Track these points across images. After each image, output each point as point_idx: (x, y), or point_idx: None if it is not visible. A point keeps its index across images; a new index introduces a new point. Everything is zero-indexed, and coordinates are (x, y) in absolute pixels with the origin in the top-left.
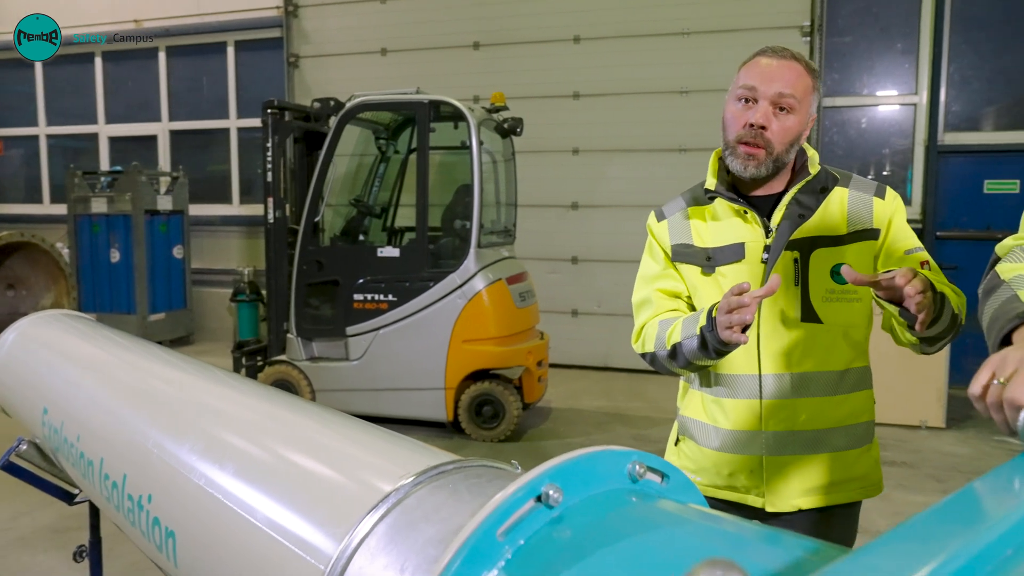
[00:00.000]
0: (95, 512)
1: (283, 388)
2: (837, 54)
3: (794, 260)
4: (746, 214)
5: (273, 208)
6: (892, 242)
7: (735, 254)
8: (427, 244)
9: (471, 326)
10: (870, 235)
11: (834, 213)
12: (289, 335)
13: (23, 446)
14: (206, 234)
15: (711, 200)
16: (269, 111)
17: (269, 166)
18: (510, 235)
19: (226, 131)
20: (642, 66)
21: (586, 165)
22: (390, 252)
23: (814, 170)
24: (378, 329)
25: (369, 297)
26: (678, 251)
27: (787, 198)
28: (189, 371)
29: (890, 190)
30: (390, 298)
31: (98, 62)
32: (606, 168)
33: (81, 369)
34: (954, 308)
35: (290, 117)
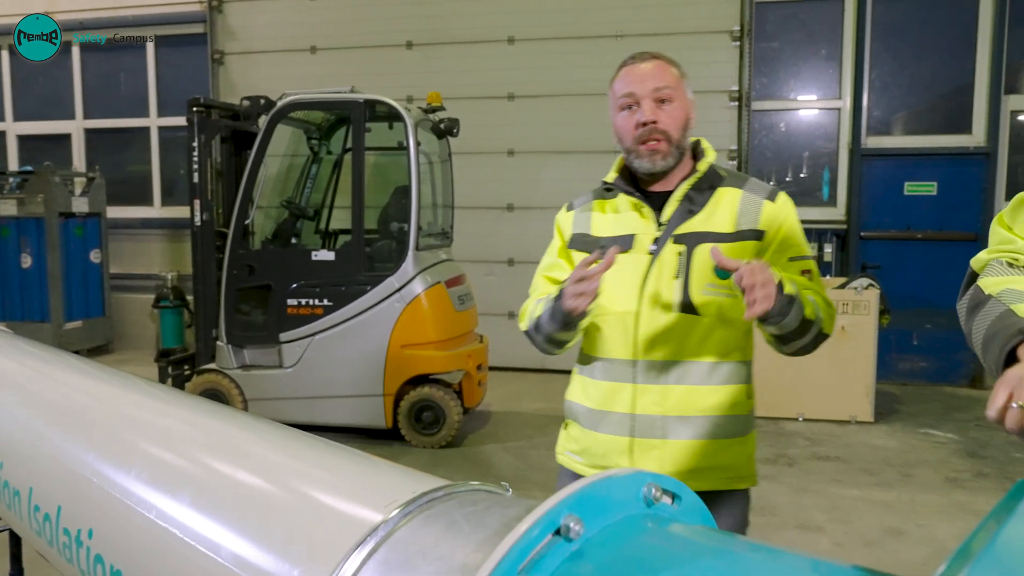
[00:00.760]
0: (16, 541)
1: (213, 398)
2: (765, 59)
3: (679, 254)
4: (642, 208)
5: (200, 210)
6: (778, 247)
7: (625, 244)
8: (364, 247)
9: (410, 330)
10: (754, 236)
11: (723, 211)
12: (219, 342)
13: None
14: (126, 238)
15: (614, 193)
16: (195, 109)
17: (195, 166)
18: (447, 237)
19: (146, 130)
20: (576, 68)
21: (521, 167)
22: (325, 255)
23: (702, 168)
24: (313, 335)
25: (303, 302)
26: (576, 240)
27: (678, 194)
28: (124, 387)
29: (783, 195)
30: (325, 303)
31: (4, 55)
32: (541, 170)
33: None
34: (811, 315)
35: (217, 115)
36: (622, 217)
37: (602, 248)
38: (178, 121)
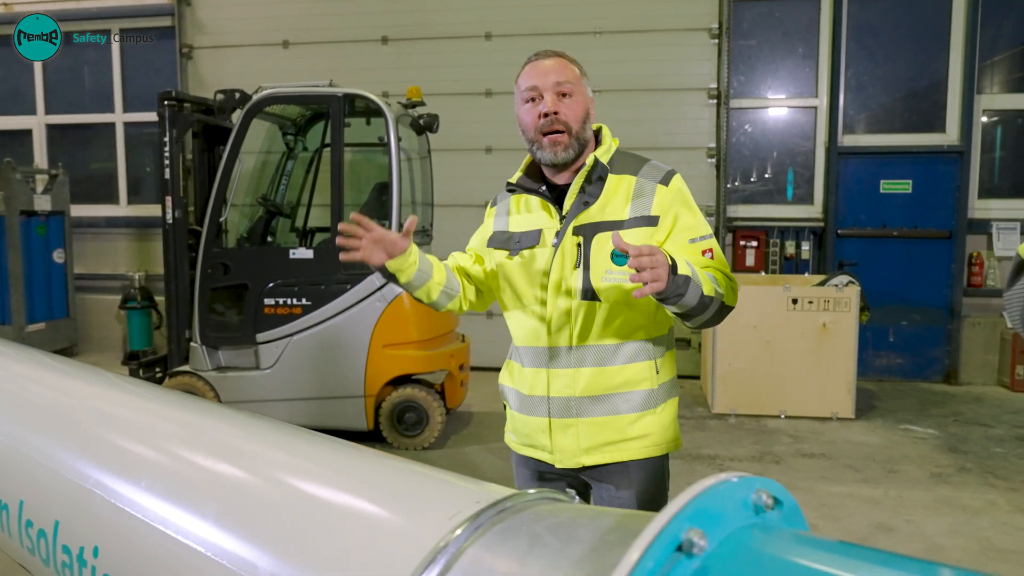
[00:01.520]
0: None
1: None
2: (743, 57)
3: (577, 244)
4: (548, 204)
5: (172, 208)
6: (675, 231)
7: (534, 239)
8: None
9: (392, 330)
10: (649, 222)
11: (618, 200)
12: (192, 344)
13: None
14: (90, 237)
15: (519, 192)
16: (166, 103)
17: (167, 162)
18: (428, 235)
19: (111, 126)
20: None
21: (499, 164)
22: (303, 254)
23: (589, 161)
24: (291, 335)
25: (281, 301)
26: (494, 237)
27: (573, 187)
28: (118, 387)
29: (677, 178)
30: (304, 302)
31: None
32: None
33: None
34: (710, 292)
35: (189, 110)
36: (533, 213)
37: (518, 243)
38: (145, 117)
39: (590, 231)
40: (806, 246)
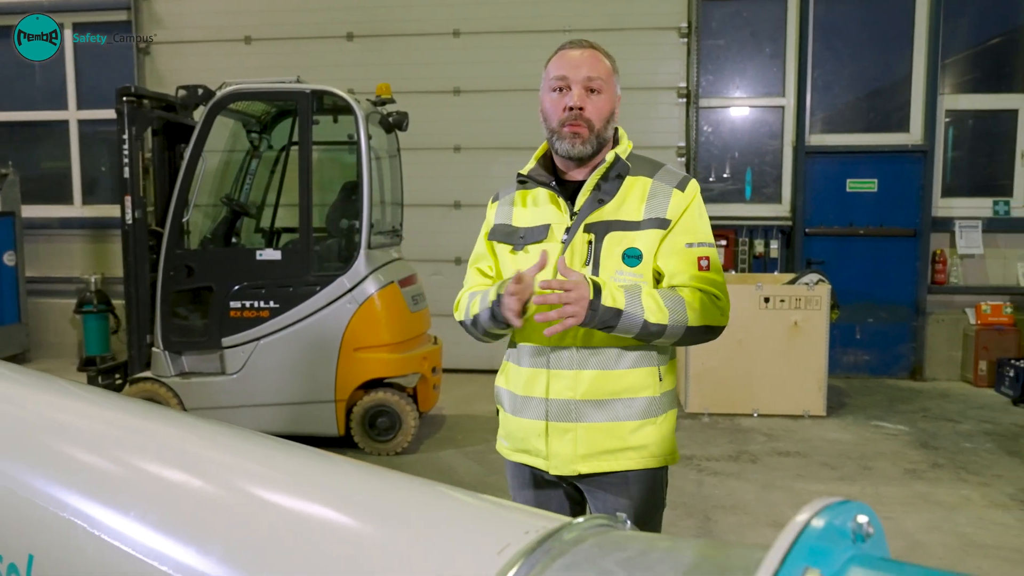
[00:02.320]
0: None
1: None
2: (711, 57)
3: (588, 242)
4: (558, 199)
5: (132, 208)
6: (676, 233)
7: (541, 234)
8: (312, 246)
9: (363, 333)
10: (662, 225)
11: (632, 200)
12: (154, 349)
13: None
14: (43, 239)
15: (531, 184)
16: (125, 99)
17: (126, 161)
18: (398, 235)
19: (64, 123)
20: (524, 63)
21: (469, 163)
22: (271, 255)
23: (609, 158)
24: (259, 339)
25: (248, 304)
26: (497, 230)
27: (588, 184)
28: (71, 395)
29: (693, 183)
30: (271, 305)
31: None
32: (490, 166)
33: None
34: (659, 319)
35: (150, 106)
36: (540, 208)
37: (522, 238)
38: (101, 114)
39: (602, 229)
40: (775, 245)
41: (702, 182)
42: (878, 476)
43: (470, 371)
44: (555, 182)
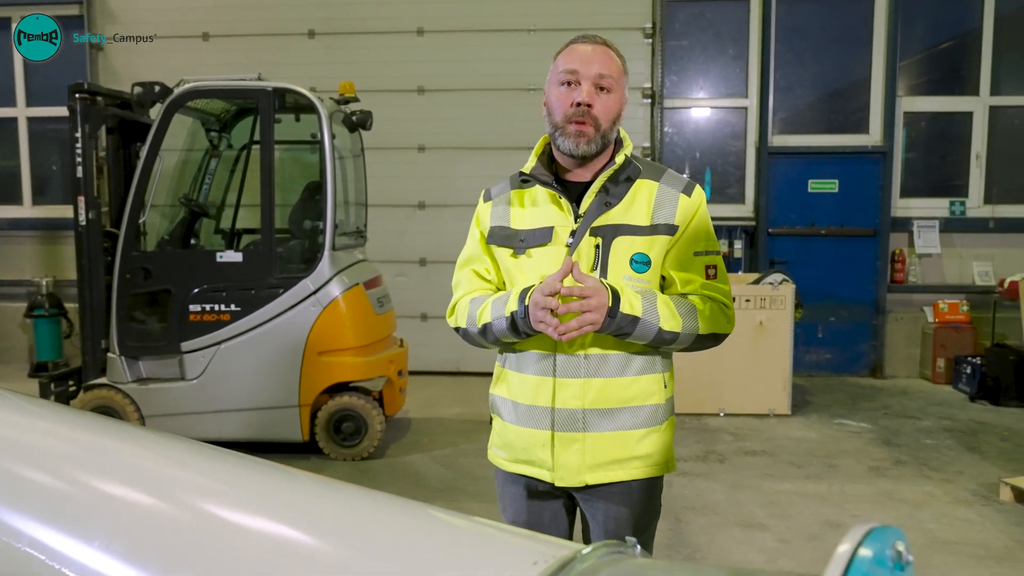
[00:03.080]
0: None
1: (104, 415)
2: (675, 57)
3: (596, 246)
4: (560, 200)
5: (85, 208)
6: (684, 240)
7: (544, 237)
8: (275, 247)
9: (327, 336)
10: (670, 230)
11: (640, 204)
12: (110, 354)
13: None
14: None
15: (531, 184)
16: (78, 96)
17: (79, 160)
18: (362, 236)
19: (13, 121)
20: (489, 62)
21: (433, 163)
22: (232, 257)
23: (620, 160)
24: (219, 343)
25: (208, 308)
26: (494, 233)
27: (595, 185)
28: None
29: (698, 189)
30: (233, 308)
31: None
32: (454, 166)
33: None
34: (673, 327)
35: (104, 103)
36: (540, 209)
37: (523, 242)
38: (51, 111)
39: (610, 233)
40: (738, 244)
41: None
42: (843, 474)
43: (434, 373)
44: (555, 182)
